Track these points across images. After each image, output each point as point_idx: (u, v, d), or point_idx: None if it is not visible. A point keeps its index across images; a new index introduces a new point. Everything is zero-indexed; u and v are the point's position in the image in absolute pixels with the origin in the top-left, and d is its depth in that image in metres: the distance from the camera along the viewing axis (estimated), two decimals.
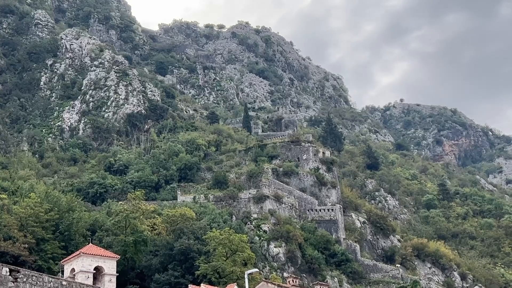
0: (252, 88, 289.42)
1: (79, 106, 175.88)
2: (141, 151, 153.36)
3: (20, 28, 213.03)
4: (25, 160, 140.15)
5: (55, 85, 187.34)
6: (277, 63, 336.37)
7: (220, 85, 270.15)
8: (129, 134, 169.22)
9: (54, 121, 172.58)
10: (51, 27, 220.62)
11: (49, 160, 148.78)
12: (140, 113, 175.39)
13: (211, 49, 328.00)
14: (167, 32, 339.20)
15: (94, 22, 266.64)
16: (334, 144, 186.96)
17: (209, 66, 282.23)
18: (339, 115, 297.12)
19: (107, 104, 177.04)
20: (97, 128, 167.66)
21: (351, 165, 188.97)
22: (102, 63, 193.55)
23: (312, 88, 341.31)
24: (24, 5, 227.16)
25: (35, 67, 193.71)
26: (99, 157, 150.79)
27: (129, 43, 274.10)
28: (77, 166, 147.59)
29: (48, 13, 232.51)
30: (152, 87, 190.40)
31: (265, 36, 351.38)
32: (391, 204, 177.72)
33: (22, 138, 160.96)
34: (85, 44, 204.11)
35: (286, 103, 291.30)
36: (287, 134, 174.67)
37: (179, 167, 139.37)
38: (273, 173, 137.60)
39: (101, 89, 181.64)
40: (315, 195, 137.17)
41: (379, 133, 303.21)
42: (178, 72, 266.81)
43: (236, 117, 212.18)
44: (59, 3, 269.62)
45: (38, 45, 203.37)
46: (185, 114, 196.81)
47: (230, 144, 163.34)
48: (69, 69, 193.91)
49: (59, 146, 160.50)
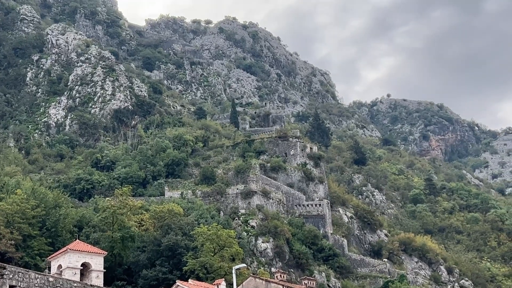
0: (239, 83, 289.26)
1: (65, 102, 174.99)
2: (128, 147, 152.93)
3: (6, 23, 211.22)
4: (11, 156, 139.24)
5: (41, 80, 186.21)
6: (265, 58, 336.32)
7: (207, 81, 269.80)
8: (116, 130, 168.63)
9: (40, 117, 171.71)
10: (37, 22, 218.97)
11: (36, 156, 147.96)
12: (127, 108, 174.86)
13: (198, 45, 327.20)
14: (154, 27, 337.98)
15: (81, 17, 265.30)
16: (322, 140, 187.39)
17: (196, 62, 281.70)
18: (326, 110, 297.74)
19: (93, 100, 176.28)
20: (84, 124, 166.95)
21: (338, 161, 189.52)
22: (89, 58, 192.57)
23: (299, 84, 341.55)
24: (10, 0, 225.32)
25: (21, 62, 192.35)
26: (86, 153, 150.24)
27: (116, 39, 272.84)
28: (64, 162, 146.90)
29: (34, 8, 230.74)
30: (139, 83, 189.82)
31: (252, 31, 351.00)
32: (378, 199, 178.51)
33: (8, 134, 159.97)
34: (71, 39, 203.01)
35: (274, 99, 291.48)
36: (274, 130, 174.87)
37: (167, 163, 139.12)
38: (261, 168, 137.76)
39: (87, 84, 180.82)
40: (302, 191, 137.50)
41: (366, 128, 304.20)
42: (165, 67, 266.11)
43: (224, 112, 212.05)
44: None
45: (24, 40, 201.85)
46: (173, 109, 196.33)
47: (217, 139, 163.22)
48: (55, 64, 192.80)
49: (45, 142, 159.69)
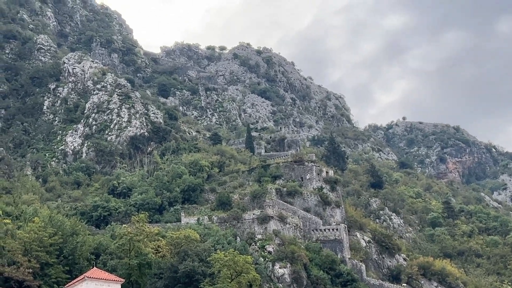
0: (254, 108, 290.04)
1: (82, 129, 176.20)
2: (144, 174, 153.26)
3: (23, 53, 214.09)
4: (28, 184, 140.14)
5: (58, 109, 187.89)
6: (279, 83, 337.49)
7: (222, 106, 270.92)
8: (132, 157, 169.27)
9: (57, 145, 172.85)
10: (54, 51, 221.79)
11: (53, 184, 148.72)
12: (143, 135, 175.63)
13: (213, 71, 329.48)
14: (169, 54, 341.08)
15: (97, 46, 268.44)
16: (338, 163, 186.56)
17: (211, 88, 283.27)
18: (341, 134, 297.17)
19: (110, 127, 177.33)
20: (100, 151, 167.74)
21: (355, 184, 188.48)
22: (105, 86, 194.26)
23: (314, 108, 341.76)
24: (27, 30, 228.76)
25: (38, 91, 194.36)
26: (103, 180, 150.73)
27: (132, 66, 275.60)
28: (81, 189, 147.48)
29: (51, 37, 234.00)
30: (154, 110, 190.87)
31: (267, 56, 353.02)
32: (396, 222, 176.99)
33: (26, 162, 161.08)
34: (88, 67, 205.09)
35: (289, 123, 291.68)
36: (290, 154, 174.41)
37: (183, 189, 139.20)
38: (277, 193, 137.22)
39: (104, 112, 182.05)
40: (319, 215, 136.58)
41: (382, 151, 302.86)
42: (181, 94, 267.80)
43: (239, 137, 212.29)
44: (62, 27, 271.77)
45: (41, 69, 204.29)
46: (188, 135, 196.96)
47: (233, 165, 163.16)
48: (71, 93, 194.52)
49: (62, 170, 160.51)
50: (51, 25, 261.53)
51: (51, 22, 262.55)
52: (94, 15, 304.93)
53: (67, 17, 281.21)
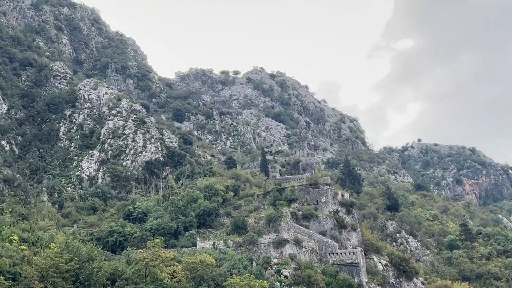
0: (268, 132, 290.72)
1: (97, 155, 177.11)
2: (159, 198, 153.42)
3: (39, 80, 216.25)
4: (45, 210, 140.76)
5: (73, 135, 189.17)
6: (293, 106, 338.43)
7: (237, 130, 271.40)
8: (147, 182, 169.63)
9: (73, 170, 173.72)
10: (70, 78, 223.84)
11: (69, 209, 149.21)
12: (158, 160, 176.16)
13: (227, 95, 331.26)
14: (183, 79, 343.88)
15: (112, 72, 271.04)
16: (353, 186, 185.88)
17: (226, 112, 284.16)
18: (356, 156, 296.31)
19: (125, 152, 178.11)
20: (116, 176, 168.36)
21: (370, 207, 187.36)
22: (120, 112, 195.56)
23: (328, 131, 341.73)
24: (43, 58, 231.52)
25: (54, 118, 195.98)
26: (118, 206, 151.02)
27: (146, 92, 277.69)
28: (97, 215, 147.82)
29: (66, 64, 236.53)
30: (169, 134, 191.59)
31: (280, 80, 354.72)
32: (413, 245, 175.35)
33: (42, 188, 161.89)
34: (103, 93, 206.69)
35: (303, 146, 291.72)
36: (305, 177, 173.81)
37: (198, 213, 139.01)
38: (292, 217, 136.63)
39: (119, 137, 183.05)
40: (335, 238, 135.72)
41: (398, 174, 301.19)
42: (195, 118, 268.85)
43: (254, 161, 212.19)
44: (77, 54, 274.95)
45: (56, 96, 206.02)
46: (203, 160, 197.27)
47: (248, 188, 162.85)
48: (87, 119, 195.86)
49: (78, 196, 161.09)
50: (67, 52, 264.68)
51: (67, 49, 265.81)
52: (109, 41, 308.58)
53: (83, 44, 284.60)
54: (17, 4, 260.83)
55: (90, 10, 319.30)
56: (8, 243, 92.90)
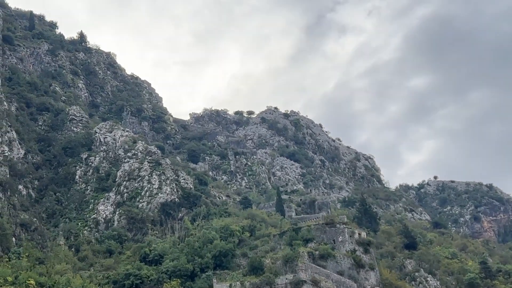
0: (283, 171, 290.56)
1: (113, 197, 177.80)
2: (175, 240, 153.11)
3: (56, 124, 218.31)
4: (61, 254, 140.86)
5: (90, 178, 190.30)
6: (307, 145, 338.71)
7: (251, 170, 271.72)
8: (163, 223, 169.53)
9: (89, 213, 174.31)
10: (86, 122, 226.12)
11: (85, 253, 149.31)
12: (173, 201, 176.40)
13: (241, 135, 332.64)
14: (198, 120, 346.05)
15: (127, 115, 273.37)
16: (370, 225, 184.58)
17: (240, 152, 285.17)
18: (372, 195, 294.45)
19: (141, 194, 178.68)
20: (132, 218, 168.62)
21: (388, 246, 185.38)
22: (136, 154, 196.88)
23: (343, 169, 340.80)
24: (59, 102, 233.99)
25: (70, 161, 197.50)
26: (134, 248, 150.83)
27: (161, 133, 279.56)
28: (113, 258, 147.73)
29: (83, 108, 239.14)
30: (184, 175, 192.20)
31: (294, 119, 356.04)
32: (432, 284, 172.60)
33: (59, 232, 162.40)
34: (119, 136, 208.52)
35: (319, 185, 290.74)
36: (321, 216, 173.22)
37: (214, 255, 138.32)
38: (309, 256, 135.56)
39: (135, 179, 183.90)
40: (353, 278, 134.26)
41: (414, 211, 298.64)
42: (210, 159, 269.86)
43: (269, 201, 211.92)
44: (93, 98, 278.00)
45: (73, 140, 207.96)
46: (218, 200, 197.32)
47: (264, 228, 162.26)
48: (103, 161, 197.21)
49: (94, 239, 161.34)
50: (83, 96, 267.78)
51: (82, 94, 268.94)
52: (124, 85, 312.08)
53: (98, 88, 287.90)
54: (34, 50, 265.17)
55: (105, 55, 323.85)
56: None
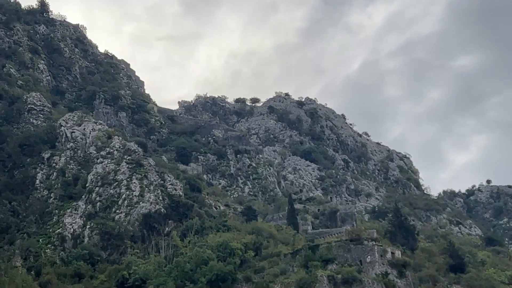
0: (297, 174, 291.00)
1: (83, 207, 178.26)
2: (161, 261, 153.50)
3: (10, 115, 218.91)
4: (18, 279, 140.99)
5: (53, 183, 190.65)
6: (327, 141, 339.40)
7: (257, 173, 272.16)
8: (146, 240, 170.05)
9: (53, 227, 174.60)
10: (48, 112, 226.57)
11: (48, 277, 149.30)
12: (158, 212, 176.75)
13: (243, 129, 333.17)
14: (189, 110, 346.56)
15: (100, 103, 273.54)
16: (406, 241, 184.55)
17: (242, 150, 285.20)
18: (409, 203, 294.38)
19: (117, 203, 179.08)
20: (106, 234, 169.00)
21: (429, 268, 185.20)
22: (111, 153, 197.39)
23: (373, 171, 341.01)
24: (15, 88, 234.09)
25: (29, 162, 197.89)
26: (110, 270, 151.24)
27: (143, 127, 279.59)
28: (83, 283, 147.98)
29: (44, 95, 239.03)
30: (172, 180, 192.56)
31: (310, 109, 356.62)
32: None
33: (15, 251, 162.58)
34: (90, 130, 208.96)
35: (341, 191, 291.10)
36: (344, 231, 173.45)
37: (210, 279, 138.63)
38: (330, 281, 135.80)
39: (110, 185, 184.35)
40: None
41: (462, 224, 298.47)
42: (205, 159, 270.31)
43: (279, 211, 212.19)
44: (57, 83, 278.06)
45: (32, 135, 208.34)
46: (215, 210, 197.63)
47: (272, 246, 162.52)
48: (70, 162, 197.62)
49: (59, 259, 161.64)
50: (45, 80, 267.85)
51: (44, 77, 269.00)
52: (96, 66, 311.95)
53: (64, 70, 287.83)
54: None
55: (73, 28, 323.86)
56: None
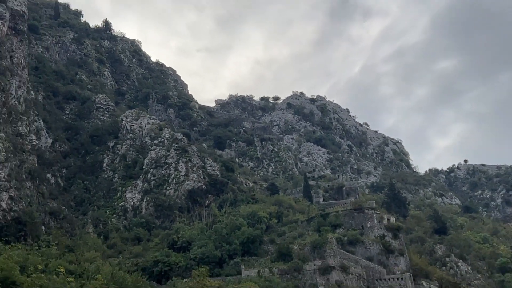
0: (310, 157, 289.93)
1: (141, 185, 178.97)
2: (203, 227, 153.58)
3: (82, 113, 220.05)
4: (90, 242, 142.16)
5: (117, 166, 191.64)
6: (334, 130, 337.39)
7: (278, 156, 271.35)
8: (190, 210, 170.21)
9: (117, 201, 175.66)
10: (112, 110, 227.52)
11: (114, 240, 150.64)
12: (200, 188, 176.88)
13: (267, 121, 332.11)
14: (223, 107, 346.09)
15: (153, 102, 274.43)
16: (399, 210, 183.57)
17: (267, 138, 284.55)
18: (401, 179, 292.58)
19: (168, 181, 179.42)
20: (159, 206, 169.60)
21: (418, 231, 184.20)
22: (162, 141, 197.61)
23: (371, 154, 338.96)
24: (85, 91, 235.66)
25: (98, 149, 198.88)
26: (162, 235, 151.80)
27: (187, 121, 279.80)
28: (141, 245, 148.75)
29: (109, 96, 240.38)
30: (211, 162, 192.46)
31: (321, 104, 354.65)
32: (463, 269, 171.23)
33: (87, 220, 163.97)
34: (145, 124, 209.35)
35: (346, 170, 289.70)
36: (349, 202, 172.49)
37: (242, 241, 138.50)
38: (338, 242, 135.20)
39: (161, 167, 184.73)
40: (382, 264, 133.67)
41: (444, 196, 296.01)
42: (236, 145, 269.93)
43: (296, 187, 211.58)
44: (119, 86, 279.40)
45: (99, 128, 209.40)
46: (245, 187, 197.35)
47: (291, 215, 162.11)
48: (130, 149, 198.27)
49: (123, 226, 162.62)
50: (109, 84, 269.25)
51: (108, 82, 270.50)
52: (149, 72, 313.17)
53: (124, 76, 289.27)
54: (59, 39, 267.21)
55: (130, 42, 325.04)
56: (55, 276, 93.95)
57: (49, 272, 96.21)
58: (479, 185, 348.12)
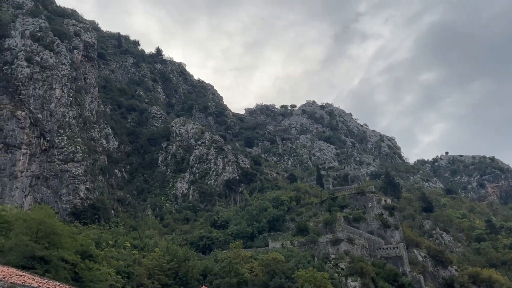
0: (321, 152, 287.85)
1: (188, 177, 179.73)
2: (237, 209, 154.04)
3: (141, 121, 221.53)
4: (149, 222, 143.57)
5: (169, 162, 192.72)
6: (340, 130, 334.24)
7: (296, 152, 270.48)
8: (227, 196, 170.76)
9: (170, 190, 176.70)
10: (164, 118, 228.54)
11: (168, 221, 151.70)
12: (234, 179, 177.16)
13: (286, 124, 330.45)
14: (251, 114, 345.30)
15: (196, 111, 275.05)
16: (394, 193, 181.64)
17: (286, 138, 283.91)
18: (395, 169, 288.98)
19: (209, 173, 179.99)
20: (203, 193, 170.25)
21: (409, 210, 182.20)
22: (204, 142, 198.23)
23: (370, 149, 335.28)
24: (143, 103, 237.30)
25: (154, 149, 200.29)
26: (206, 216, 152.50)
27: (223, 125, 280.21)
28: (189, 224, 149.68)
29: (161, 108, 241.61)
30: (243, 158, 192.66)
31: (329, 110, 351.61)
32: (446, 240, 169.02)
33: (147, 205, 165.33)
34: (190, 129, 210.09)
35: (350, 162, 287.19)
36: (353, 187, 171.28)
37: (268, 220, 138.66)
38: (345, 220, 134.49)
39: (204, 162, 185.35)
40: (381, 236, 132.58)
41: (430, 181, 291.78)
42: (262, 144, 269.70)
43: (311, 176, 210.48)
44: (169, 99, 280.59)
45: (155, 132, 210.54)
46: (270, 177, 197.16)
47: (307, 198, 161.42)
48: (179, 149, 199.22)
49: (174, 210, 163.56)
50: (161, 98, 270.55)
51: (161, 96, 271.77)
52: (193, 88, 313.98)
53: (173, 91, 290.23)
54: (122, 64, 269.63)
55: (177, 64, 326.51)
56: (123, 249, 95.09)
57: (118, 246, 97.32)
58: (458, 172, 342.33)
